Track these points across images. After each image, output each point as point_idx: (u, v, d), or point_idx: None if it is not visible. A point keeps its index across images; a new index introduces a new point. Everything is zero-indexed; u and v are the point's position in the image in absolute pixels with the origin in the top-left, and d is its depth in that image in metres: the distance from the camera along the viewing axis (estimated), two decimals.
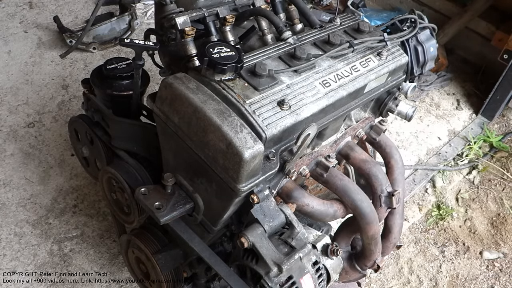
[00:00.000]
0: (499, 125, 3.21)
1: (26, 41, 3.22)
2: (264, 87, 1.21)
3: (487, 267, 2.39)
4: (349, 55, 1.42)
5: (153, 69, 1.98)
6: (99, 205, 2.33)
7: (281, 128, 1.18)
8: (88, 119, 1.60)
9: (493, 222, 2.59)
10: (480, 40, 3.43)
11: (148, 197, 1.27)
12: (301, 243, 1.22)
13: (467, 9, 3.33)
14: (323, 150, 1.45)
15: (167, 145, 1.31)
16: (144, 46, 1.34)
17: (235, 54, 1.19)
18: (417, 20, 1.56)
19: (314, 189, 1.67)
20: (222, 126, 1.09)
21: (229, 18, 1.37)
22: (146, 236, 1.53)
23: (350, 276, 1.62)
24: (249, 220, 1.24)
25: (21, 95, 2.84)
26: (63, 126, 2.67)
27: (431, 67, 1.67)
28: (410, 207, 2.59)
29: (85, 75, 2.98)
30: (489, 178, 2.82)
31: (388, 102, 1.61)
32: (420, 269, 2.34)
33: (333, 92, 1.32)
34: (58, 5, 3.57)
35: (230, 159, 1.09)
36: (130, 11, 3.28)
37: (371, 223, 1.41)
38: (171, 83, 1.18)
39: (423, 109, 3.22)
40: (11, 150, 2.53)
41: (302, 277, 1.19)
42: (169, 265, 1.49)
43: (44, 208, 2.29)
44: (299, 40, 1.40)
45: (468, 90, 3.41)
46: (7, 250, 2.11)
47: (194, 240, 1.34)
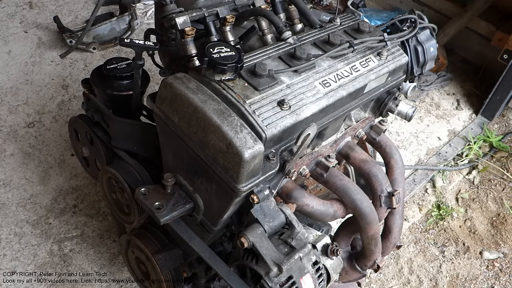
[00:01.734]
0: (499, 125, 3.21)
1: (26, 41, 3.23)
2: (264, 87, 1.21)
3: (487, 267, 2.38)
4: (349, 55, 1.42)
5: (153, 69, 1.99)
6: (99, 205, 2.33)
7: (281, 128, 1.18)
8: (88, 119, 1.59)
9: (493, 222, 2.59)
10: (480, 40, 3.43)
11: (148, 197, 1.27)
12: (301, 243, 1.22)
13: (467, 9, 3.33)
14: (323, 150, 1.45)
15: (167, 145, 1.31)
16: (144, 46, 1.34)
17: (235, 54, 1.19)
18: (417, 20, 1.56)
19: (314, 189, 1.67)
20: (222, 126, 1.09)
21: (229, 18, 1.37)
22: (146, 236, 1.53)
23: (350, 276, 1.62)
24: (249, 220, 1.23)
25: (21, 95, 2.84)
26: (63, 126, 2.67)
27: (431, 67, 1.67)
28: (410, 207, 2.59)
29: (85, 75, 2.98)
30: (489, 178, 2.82)
31: (388, 102, 1.61)
32: (420, 269, 2.34)
33: (333, 92, 1.32)
34: (58, 5, 3.57)
35: (230, 159, 1.09)
36: (130, 11, 3.28)
37: (371, 223, 1.41)
38: (171, 83, 1.18)
39: (423, 109, 3.22)
40: (11, 150, 2.53)
41: (302, 277, 1.19)
42: (169, 265, 1.49)
43: (44, 208, 2.29)
44: (299, 40, 1.40)
45: (468, 90, 3.41)
46: (7, 250, 2.12)
47: (194, 240, 1.34)
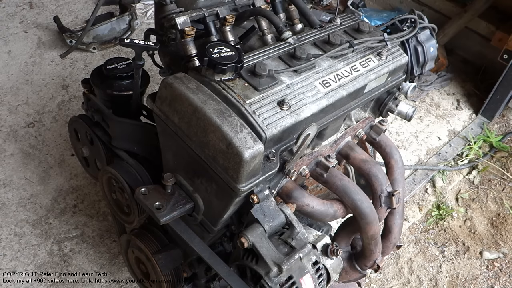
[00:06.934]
0: (499, 125, 3.21)
1: (26, 41, 3.23)
2: (264, 87, 1.21)
3: (487, 267, 2.38)
4: (349, 55, 1.42)
5: (153, 69, 1.99)
6: (99, 205, 2.33)
7: (281, 128, 1.18)
8: (88, 119, 1.59)
9: (493, 222, 2.58)
10: (480, 40, 3.43)
11: (148, 197, 1.27)
12: (301, 243, 1.22)
13: (467, 9, 3.33)
14: (323, 150, 1.45)
15: (167, 145, 1.31)
16: (144, 46, 1.34)
17: (235, 54, 1.19)
18: (417, 20, 1.56)
19: (314, 189, 1.67)
20: (222, 126, 1.09)
21: (229, 18, 1.37)
22: (146, 236, 1.53)
23: (350, 276, 1.62)
24: (249, 220, 1.23)
25: (21, 95, 2.84)
26: (63, 126, 2.67)
27: (431, 67, 1.67)
28: (410, 207, 2.59)
29: (85, 75, 2.98)
30: (489, 178, 2.82)
31: (388, 102, 1.61)
32: (420, 269, 2.34)
33: (333, 92, 1.32)
34: (58, 5, 3.57)
35: (230, 159, 1.09)
36: (130, 11, 3.28)
37: (371, 223, 1.41)
38: (171, 83, 1.18)
39: (423, 109, 3.22)
40: (11, 150, 2.53)
41: (302, 277, 1.19)
42: (169, 265, 1.49)
43: (44, 208, 2.29)
44: (299, 40, 1.40)
45: (468, 90, 3.41)
46: (7, 250, 2.11)
47: (194, 240, 1.34)
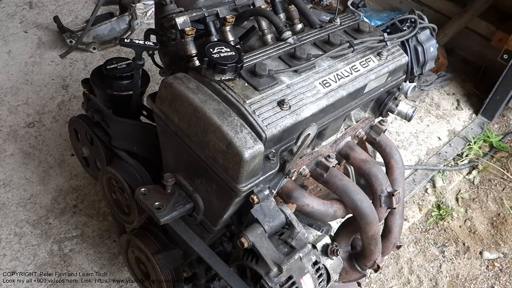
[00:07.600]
0: (499, 125, 3.21)
1: (26, 41, 3.23)
2: (264, 87, 1.21)
3: (487, 267, 2.38)
4: (349, 55, 1.42)
5: (153, 69, 1.99)
6: (99, 205, 2.33)
7: (281, 128, 1.18)
8: (88, 119, 1.59)
9: (493, 222, 2.58)
10: (480, 40, 3.43)
11: (148, 197, 1.27)
12: (301, 243, 1.22)
13: (467, 9, 3.33)
14: (323, 150, 1.45)
15: (167, 145, 1.31)
16: (144, 46, 1.34)
17: (235, 54, 1.19)
18: (417, 20, 1.56)
19: (314, 189, 1.67)
20: (222, 126, 1.09)
21: (229, 18, 1.37)
22: (146, 236, 1.53)
23: (350, 276, 1.62)
24: (249, 220, 1.23)
25: (21, 95, 2.84)
26: (63, 126, 2.67)
27: (431, 67, 1.67)
28: (410, 207, 2.59)
29: (85, 75, 2.98)
30: (489, 178, 2.82)
31: (388, 102, 1.61)
32: (420, 269, 2.34)
33: (333, 92, 1.32)
34: (58, 5, 3.57)
35: (230, 159, 1.09)
36: (130, 11, 3.28)
37: (371, 223, 1.41)
38: (171, 83, 1.18)
39: (423, 109, 3.22)
40: (11, 150, 2.53)
41: (302, 277, 1.19)
42: (169, 265, 1.49)
43: (44, 208, 2.29)
44: (299, 40, 1.40)
45: (468, 90, 3.41)
46: (7, 250, 2.12)
47: (194, 240, 1.34)
